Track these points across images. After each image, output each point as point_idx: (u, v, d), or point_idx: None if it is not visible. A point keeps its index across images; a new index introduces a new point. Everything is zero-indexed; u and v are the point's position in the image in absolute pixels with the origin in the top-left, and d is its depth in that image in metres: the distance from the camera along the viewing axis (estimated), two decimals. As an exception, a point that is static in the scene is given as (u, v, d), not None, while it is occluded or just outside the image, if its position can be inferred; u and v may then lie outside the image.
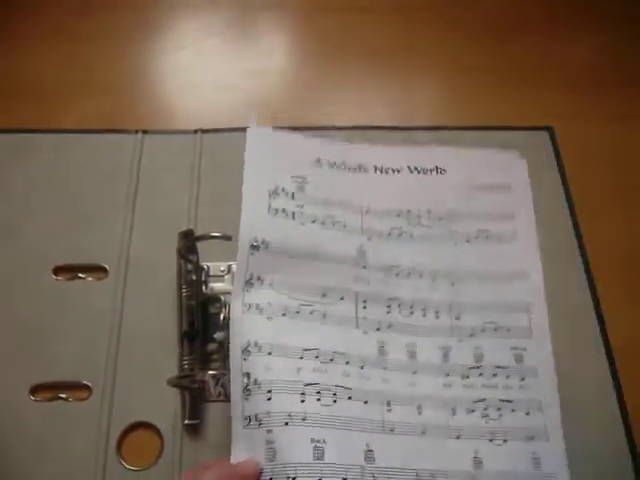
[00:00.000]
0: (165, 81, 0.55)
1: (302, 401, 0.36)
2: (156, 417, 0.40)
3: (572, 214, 0.48)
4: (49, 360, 0.41)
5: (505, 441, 0.39)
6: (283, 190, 0.42)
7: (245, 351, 0.36)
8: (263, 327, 0.37)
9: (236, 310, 0.37)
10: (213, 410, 0.40)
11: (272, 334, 0.37)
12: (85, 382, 0.40)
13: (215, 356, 0.41)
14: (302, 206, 0.42)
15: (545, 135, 0.52)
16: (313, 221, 0.41)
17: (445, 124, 0.52)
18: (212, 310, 0.42)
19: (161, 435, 0.39)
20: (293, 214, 0.41)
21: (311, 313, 0.39)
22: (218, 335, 0.40)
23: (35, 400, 0.40)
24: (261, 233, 0.39)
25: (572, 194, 0.49)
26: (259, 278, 0.38)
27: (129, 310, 0.43)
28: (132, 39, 0.57)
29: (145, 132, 0.50)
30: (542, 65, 0.57)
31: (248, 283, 0.38)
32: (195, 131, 0.50)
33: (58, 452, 0.38)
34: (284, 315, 0.38)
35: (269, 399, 0.35)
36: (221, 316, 0.41)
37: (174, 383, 0.38)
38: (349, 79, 0.56)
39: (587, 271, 0.46)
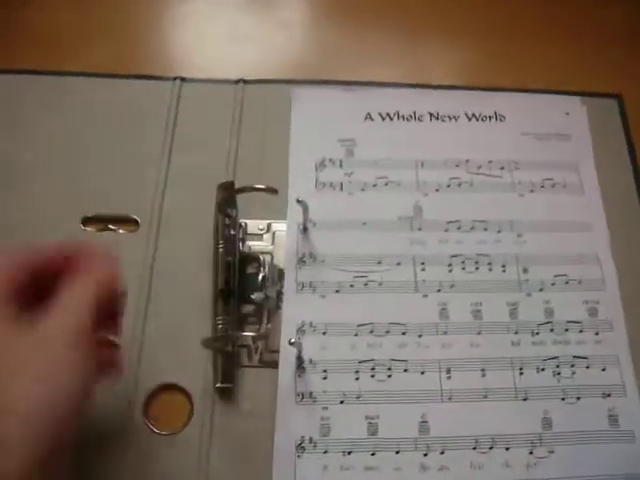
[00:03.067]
0: (185, 31, 0.51)
1: (356, 379, 0.35)
2: (186, 379, 0.37)
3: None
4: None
5: (578, 399, 0.36)
6: (330, 160, 0.41)
7: (300, 331, 0.36)
8: (317, 306, 0.37)
9: (289, 288, 0.37)
10: (247, 375, 0.37)
11: (326, 313, 0.37)
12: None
13: (251, 319, 0.38)
14: (351, 174, 0.41)
15: (613, 103, 0.47)
16: (363, 189, 0.41)
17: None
18: (249, 270, 0.39)
19: (191, 398, 0.36)
20: (341, 185, 0.41)
21: (366, 285, 0.38)
22: (256, 296, 0.37)
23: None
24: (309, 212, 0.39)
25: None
26: (311, 255, 0.38)
27: (160, 265, 0.40)
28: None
29: (183, 79, 0.46)
30: (578, 25, 0.52)
31: (301, 261, 0.38)
32: (237, 81, 0.47)
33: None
34: (338, 292, 0.38)
35: (324, 378, 0.35)
36: (259, 276, 0.38)
37: (208, 345, 0.35)
38: (377, 36, 0.51)
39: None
